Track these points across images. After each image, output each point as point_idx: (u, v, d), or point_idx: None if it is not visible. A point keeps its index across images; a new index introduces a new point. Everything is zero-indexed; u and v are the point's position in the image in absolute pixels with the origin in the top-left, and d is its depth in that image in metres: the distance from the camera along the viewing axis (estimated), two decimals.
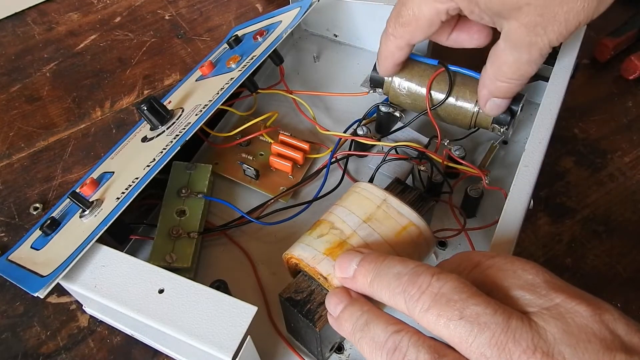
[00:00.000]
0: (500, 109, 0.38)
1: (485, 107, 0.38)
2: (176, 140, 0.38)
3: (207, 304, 0.30)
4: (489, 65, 0.35)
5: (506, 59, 0.34)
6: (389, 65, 0.39)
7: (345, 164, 0.44)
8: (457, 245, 0.41)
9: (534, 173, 0.35)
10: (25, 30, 0.63)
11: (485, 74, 0.36)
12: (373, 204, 0.34)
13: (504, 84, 0.35)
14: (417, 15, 0.34)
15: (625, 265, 0.41)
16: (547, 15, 0.30)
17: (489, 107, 0.38)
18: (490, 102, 0.37)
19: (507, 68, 0.34)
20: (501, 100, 0.37)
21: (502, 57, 0.34)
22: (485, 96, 0.37)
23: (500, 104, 0.38)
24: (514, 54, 0.33)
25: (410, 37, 0.36)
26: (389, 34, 0.37)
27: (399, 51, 0.38)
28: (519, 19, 0.31)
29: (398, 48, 0.37)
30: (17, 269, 0.35)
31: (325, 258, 0.32)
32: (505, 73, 0.34)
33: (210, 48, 0.60)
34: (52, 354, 0.39)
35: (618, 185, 0.46)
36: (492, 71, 0.35)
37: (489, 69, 0.36)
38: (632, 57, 0.53)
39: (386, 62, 0.39)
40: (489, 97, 0.37)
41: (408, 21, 0.34)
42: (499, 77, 0.35)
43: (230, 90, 0.41)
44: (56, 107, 0.55)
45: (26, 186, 0.49)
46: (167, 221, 0.40)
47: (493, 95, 0.37)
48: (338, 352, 0.36)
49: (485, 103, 0.38)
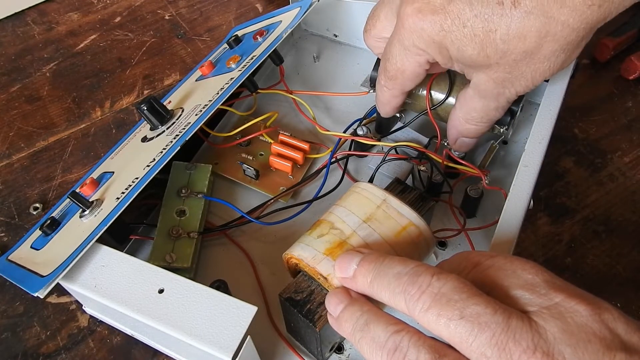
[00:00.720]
0: (469, 147, 0.40)
1: (454, 145, 0.41)
2: (176, 140, 0.38)
3: (207, 304, 0.30)
4: (458, 108, 0.37)
5: (474, 105, 0.36)
6: (390, 110, 0.41)
7: (345, 164, 0.44)
8: (457, 245, 0.41)
9: (534, 173, 0.35)
10: (25, 30, 0.63)
11: (455, 116, 0.38)
12: (373, 204, 0.34)
13: (472, 127, 0.37)
14: (401, 68, 0.35)
15: (625, 265, 0.41)
16: (514, 73, 0.32)
17: (458, 145, 0.40)
18: (459, 141, 0.40)
19: (475, 113, 0.36)
20: (469, 139, 0.39)
21: (471, 103, 0.36)
22: (454, 135, 0.39)
23: (469, 142, 0.40)
24: (482, 101, 0.35)
25: (402, 87, 0.38)
26: (382, 86, 0.38)
27: (395, 99, 0.39)
28: (488, 74, 0.33)
29: (393, 96, 0.39)
30: (17, 269, 0.35)
31: (325, 258, 0.32)
32: (473, 117, 0.37)
33: (210, 48, 0.60)
34: (52, 354, 0.39)
35: (618, 185, 0.46)
36: (462, 114, 0.37)
37: (458, 112, 0.37)
38: (632, 57, 0.53)
39: (386, 108, 0.41)
40: (458, 137, 0.39)
41: (395, 75, 0.36)
42: (467, 120, 0.37)
43: (230, 90, 0.41)
44: (56, 107, 0.55)
45: (26, 186, 0.49)
46: (167, 221, 0.40)
47: (462, 135, 0.39)
48: (338, 352, 0.36)
49: (454, 142, 0.40)
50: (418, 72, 0.35)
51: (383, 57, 0.37)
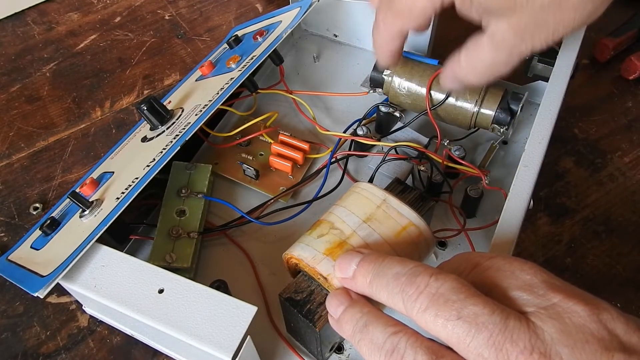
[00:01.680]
0: (456, 87, 0.37)
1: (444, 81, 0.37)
2: (176, 140, 0.38)
3: (207, 304, 0.30)
4: (464, 56, 0.34)
5: (484, 56, 0.33)
6: (386, 54, 0.37)
7: (345, 164, 0.44)
8: (457, 245, 0.41)
9: (534, 173, 0.35)
10: (25, 30, 0.63)
11: (458, 62, 0.35)
12: (373, 204, 0.34)
13: (472, 77, 0.34)
14: (411, 6, 0.33)
15: (625, 265, 0.41)
16: (538, 21, 0.29)
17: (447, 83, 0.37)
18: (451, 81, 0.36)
19: (481, 65, 0.33)
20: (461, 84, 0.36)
21: (481, 53, 0.33)
22: (449, 76, 0.36)
23: (459, 86, 0.37)
24: (493, 53, 0.32)
25: (402, 27, 0.35)
26: (379, 22, 0.35)
27: (392, 41, 0.36)
28: (509, 21, 0.30)
29: (391, 37, 0.36)
30: (17, 269, 0.35)
31: (325, 258, 0.32)
32: (478, 69, 0.34)
33: (210, 48, 0.60)
34: (52, 354, 0.39)
35: (618, 185, 0.46)
36: (466, 63, 0.34)
37: (462, 59, 0.34)
38: (632, 57, 0.53)
39: (382, 52, 0.37)
40: (453, 77, 0.36)
41: (401, 11, 0.33)
42: (470, 71, 0.34)
43: (230, 90, 0.41)
44: (56, 107, 0.55)
45: (26, 186, 0.49)
46: (167, 221, 0.40)
47: (457, 78, 0.36)
48: (338, 352, 0.36)
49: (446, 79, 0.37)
50: (427, 14, 0.33)
51: None
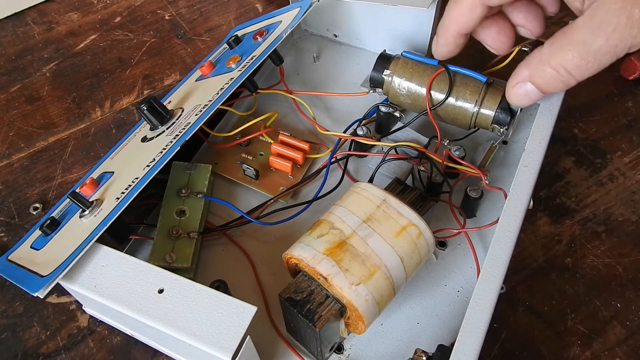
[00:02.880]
0: (527, 101, 0.32)
1: (511, 90, 0.32)
2: (176, 140, 0.38)
3: (206, 304, 0.30)
4: (548, 44, 0.29)
5: (575, 39, 0.27)
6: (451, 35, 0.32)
7: (345, 164, 0.44)
8: (457, 245, 0.41)
9: (534, 173, 0.35)
10: (25, 30, 0.63)
11: (539, 52, 0.30)
12: (373, 204, 0.34)
13: (552, 72, 0.29)
14: None
15: (625, 265, 0.41)
16: None
17: (517, 92, 0.32)
18: (522, 87, 0.31)
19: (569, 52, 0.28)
20: (534, 90, 0.31)
21: (572, 36, 0.27)
22: (521, 77, 0.31)
23: (531, 94, 0.31)
24: (588, 35, 0.27)
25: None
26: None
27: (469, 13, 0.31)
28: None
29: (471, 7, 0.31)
30: (17, 269, 0.35)
31: (325, 258, 0.32)
32: (563, 57, 0.28)
33: (210, 48, 0.60)
34: (52, 354, 0.39)
35: (618, 185, 0.46)
36: (549, 51, 0.29)
37: (545, 48, 0.29)
38: (632, 57, 0.52)
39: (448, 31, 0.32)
40: (525, 81, 0.31)
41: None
42: (552, 60, 0.29)
43: (230, 90, 0.41)
44: (56, 107, 0.55)
45: (26, 186, 0.49)
46: (167, 221, 0.40)
47: (532, 80, 0.31)
48: (338, 352, 0.36)
49: (514, 85, 0.32)
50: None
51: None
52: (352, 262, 0.32)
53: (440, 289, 0.39)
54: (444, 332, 0.37)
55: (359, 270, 0.31)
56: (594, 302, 0.39)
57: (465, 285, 0.39)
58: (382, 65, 0.44)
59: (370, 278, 0.31)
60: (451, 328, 0.37)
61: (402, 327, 0.37)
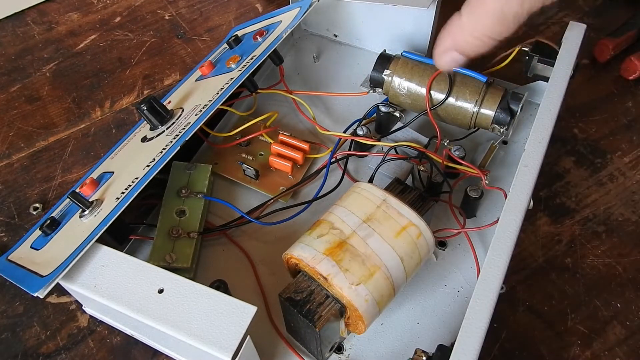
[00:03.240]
0: (455, 65, 0.34)
1: (439, 58, 0.34)
2: (176, 140, 0.38)
3: (206, 304, 0.30)
4: (466, 13, 0.31)
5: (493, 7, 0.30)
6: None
7: (345, 164, 0.44)
8: (457, 245, 0.41)
9: (534, 173, 0.35)
10: (25, 30, 0.63)
11: (458, 22, 0.32)
12: (373, 204, 0.34)
13: (475, 41, 0.31)
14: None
15: (625, 265, 0.41)
16: None
17: (445, 60, 0.33)
18: (449, 55, 0.33)
19: (488, 20, 0.30)
20: (460, 57, 0.33)
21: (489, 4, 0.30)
22: (446, 46, 0.33)
23: (457, 60, 0.33)
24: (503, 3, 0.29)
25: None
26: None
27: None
28: None
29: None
30: (17, 269, 0.35)
31: (325, 258, 0.32)
32: (483, 26, 0.30)
33: (210, 48, 0.60)
34: (52, 354, 0.39)
35: (618, 185, 0.46)
36: (469, 22, 0.31)
37: (464, 17, 0.31)
38: (632, 57, 0.53)
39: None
40: (451, 49, 0.33)
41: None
42: (474, 31, 0.31)
43: (230, 90, 0.41)
44: (56, 107, 0.55)
45: (26, 186, 0.49)
46: (167, 221, 0.40)
47: (457, 48, 0.32)
48: (338, 352, 0.36)
49: (441, 53, 0.33)
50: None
51: None
52: (352, 262, 0.32)
53: (440, 289, 0.39)
54: (444, 332, 0.37)
55: (359, 270, 0.31)
56: (594, 302, 0.39)
57: (465, 285, 0.39)
58: (382, 65, 0.44)
59: (370, 278, 0.31)
60: (451, 328, 0.37)
61: (402, 327, 0.37)
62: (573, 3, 0.62)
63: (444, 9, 0.47)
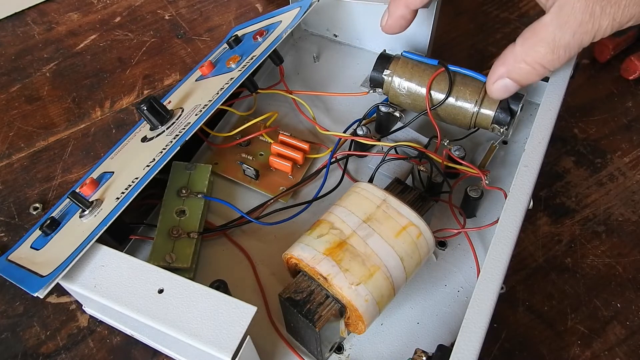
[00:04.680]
0: (507, 94, 0.35)
1: (492, 86, 0.35)
2: (176, 140, 0.38)
3: (206, 304, 0.30)
4: (520, 42, 0.33)
5: (546, 36, 0.31)
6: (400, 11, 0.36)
7: (345, 164, 0.44)
8: (457, 245, 0.41)
9: (534, 173, 0.35)
10: (25, 30, 0.63)
11: (512, 50, 0.33)
12: (373, 204, 0.34)
13: (528, 67, 0.33)
14: None
15: (625, 265, 0.41)
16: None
17: (497, 87, 0.35)
18: (501, 82, 0.35)
19: (540, 48, 0.31)
20: (513, 84, 0.34)
21: (542, 34, 0.31)
22: (499, 74, 0.34)
23: (510, 87, 0.35)
24: (556, 32, 0.31)
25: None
26: None
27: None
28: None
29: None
30: (17, 269, 0.35)
31: (325, 258, 0.32)
32: (536, 53, 0.32)
33: (210, 48, 0.60)
34: (52, 354, 0.39)
35: (618, 185, 0.46)
36: (522, 49, 0.33)
37: (518, 46, 0.33)
38: (632, 57, 0.53)
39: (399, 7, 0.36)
40: (503, 77, 0.34)
41: None
42: (527, 57, 0.32)
43: (230, 90, 0.41)
44: (56, 107, 0.55)
45: (26, 186, 0.49)
46: (167, 221, 0.40)
47: (509, 76, 0.34)
48: (338, 352, 0.36)
49: (494, 81, 0.35)
50: None
51: None
52: (352, 262, 0.32)
53: (440, 289, 0.39)
54: (444, 332, 0.37)
55: (359, 270, 0.31)
56: (594, 302, 0.39)
57: (465, 285, 0.39)
58: (382, 65, 0.44)
59: (370, 278, 0.31)
60: (451, 328, 0.37)
61: (402, 327, 0.37)
62: None
63: (444, 9, 0.47)
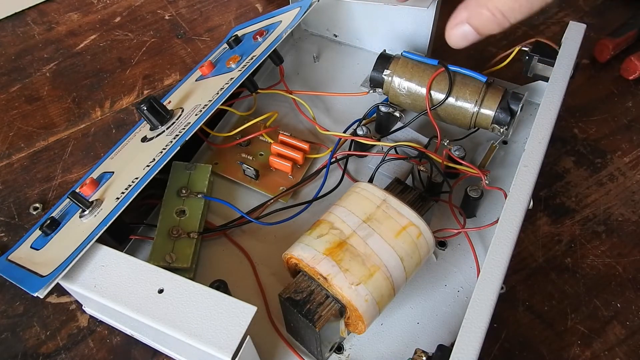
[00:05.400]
0: (464, 42, 0.33)
1: (451, 31, 0.33)
2: (176, 140, 0.38)
3: (206, 304, 0.30)
4: None
5: None
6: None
7: (345, 164, 0.44)
8: (457, 245, 0.41)
9: (534, 173, 0.35)
10: (25, 30, 0.63)
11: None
12: (373, 204, 0.34)
13: (488, 14, 0.31)
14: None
15: (625, 265, 0.41)
16: None
17: (456, 33, 0.33)
18: (460, 29, 0.32)
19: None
20: (472, 32, 0.32)
21: None
22: (460, 19, 0.32)
23: (469, 35, 0.33)
24: None
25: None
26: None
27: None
28: None
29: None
30: (17, 269, 0.35)
31: (324, 258, 0.32)
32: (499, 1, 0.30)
33: (210, 48, 0.60)
34: (52, 354, 0.39)
35: (618, 185, 0.46)
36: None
37: None
38: (632, 57, 0.53)
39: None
40: (464, 22, 0.32)
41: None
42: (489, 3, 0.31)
43: (230, 90, 0.41)
44: (56, 107, 0.55)
45: (26, 186, 0.49)
46: (167, 221, 0.40)
47: (469, 21, 0.32)
48: (338, 352, 0.36)
49: (454, 26, 0.33)
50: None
51: None
52: (352, 262, 0.32)
53: (440, 289, 0.39)
54: (444, 332, 0.37)
55: (359, 270, 0.31)
56: (594, 302, 0.39)
57: (465, 285, 0.39)
58: (382, 65, 0.44)
59: (370, 278, 0.31)
60: (451, 328, 0.37)
61: (402, 327, 0.37)
62: (573, 3, 0.62)
63: (444, 9, 0.47)
